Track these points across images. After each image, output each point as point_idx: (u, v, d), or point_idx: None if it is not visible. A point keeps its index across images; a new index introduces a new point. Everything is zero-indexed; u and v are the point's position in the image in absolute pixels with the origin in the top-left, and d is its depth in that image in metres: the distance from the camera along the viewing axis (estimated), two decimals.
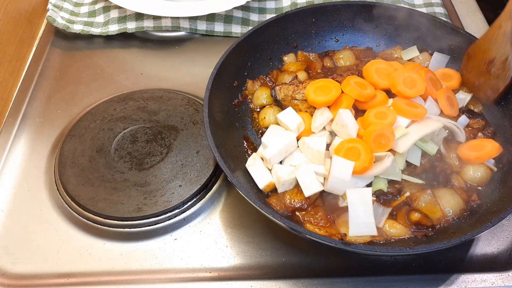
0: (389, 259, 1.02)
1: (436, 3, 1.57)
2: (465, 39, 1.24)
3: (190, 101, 1.29)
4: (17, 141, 1.26)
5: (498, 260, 1.03)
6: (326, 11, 1.34)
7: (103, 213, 1.08)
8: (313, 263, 1.03)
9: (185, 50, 1.50)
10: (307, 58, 1.33)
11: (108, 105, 1.29)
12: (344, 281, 1.00)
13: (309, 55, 1.33)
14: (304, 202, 1.03)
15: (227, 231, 1.08)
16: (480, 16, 1.59)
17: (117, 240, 1.07)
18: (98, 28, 1.53)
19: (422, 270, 1.01)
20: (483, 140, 1.10)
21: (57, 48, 1.50)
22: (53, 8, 1.55)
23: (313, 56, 1.33)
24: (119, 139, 1.22)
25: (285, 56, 1.33)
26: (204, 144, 1.19)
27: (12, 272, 1.03)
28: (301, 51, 1.34)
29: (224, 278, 1.01)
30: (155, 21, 1.52)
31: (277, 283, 1.00)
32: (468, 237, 0.90)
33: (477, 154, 1.07)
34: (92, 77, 1.41)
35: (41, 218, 1.10)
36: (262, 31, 1.28)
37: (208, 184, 1.14)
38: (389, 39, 1.35)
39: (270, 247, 1.05)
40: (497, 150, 1.06)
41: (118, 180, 1.13)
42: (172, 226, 1.08)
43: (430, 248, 0.91)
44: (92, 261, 1.04)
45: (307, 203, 1.03)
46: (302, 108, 1.17)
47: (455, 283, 0.99)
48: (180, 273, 1.02)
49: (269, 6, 1.60)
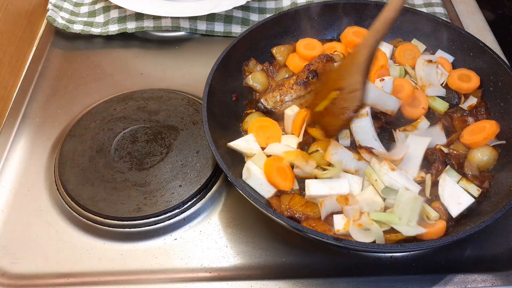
0: (389, 259, 1.02)
1: (436, 3, 1.57)
2: (465, 39, 1.24)
3: (190, 101, 1.29)
4: (17, 141, 1.26)
5: (498, 260, 1.03)
6: (326, 9, 1.34)
7: (103, 213, 1.08)
8: (313, 263, 1.03)
9: (185, 50, 1.50)
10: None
11: (108, 105, 1.29)
12: (344, 281, 0.99)
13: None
14: (302, 215, 1.01)
15: (227, 231, 1.08)
16: (480, 16, 1.59)
17: (117, 240, 1.07)
18: (98, 28, 1.53)
19: (422, 270, 1.01)
20: (479, 122, 1.14)
21: (57, 48, 1.50)
22: (53, 8, 1.55)
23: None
24: (119, 139, 1.22)
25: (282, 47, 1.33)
26: (204, 144, 1.19)
27: (12, 272, 1.03)
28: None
29: (224, 278, 1.01)
30: (155, 21, 1.52)
31: (277, 283, 1.00)
32: (460, 235, 0.90)
33: (480, 137, 1.10)
34: (92, 77, 1.41)
35: (41, 218, 1.10)
36: (263, 28, 1.28)
37: (208, 184, 1.14)
38: (390, 39, 1.35)
39: (270, 247, 1.05)
40: (496, 127, 1.10)
41: (118, 180, 1.13)
42: (172, 226, 1.08)
43: (421, 247, 0.90)
44: (92, 261, 1.04)
45: (305, 217, 1.02)
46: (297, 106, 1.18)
47: (455, 283, 0.99)
48: (180, 273, 1.02)
49: (269, 6, 1.60)
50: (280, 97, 1.18)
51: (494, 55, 1.19)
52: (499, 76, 1.17)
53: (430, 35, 1.31)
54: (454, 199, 1.01)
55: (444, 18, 1.50)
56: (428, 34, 1.31)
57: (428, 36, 1.31)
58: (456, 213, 1.01)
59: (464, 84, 1.22)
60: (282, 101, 1.17)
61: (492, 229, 1.04)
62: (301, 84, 1.18)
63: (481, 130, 1.12)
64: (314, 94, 1.15)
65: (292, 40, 1.34)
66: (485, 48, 1.21)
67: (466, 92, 1.22)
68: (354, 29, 1.34)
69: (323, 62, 1.19)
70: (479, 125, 1.14)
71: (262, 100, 1.19)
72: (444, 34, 1.29)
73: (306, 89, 1.18)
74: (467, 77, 1.23)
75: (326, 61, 1.20)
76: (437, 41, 1.30)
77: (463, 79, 1.23)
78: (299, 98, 1.17)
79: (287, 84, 1.19)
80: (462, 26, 1.53)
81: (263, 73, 1.28)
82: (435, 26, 1.29)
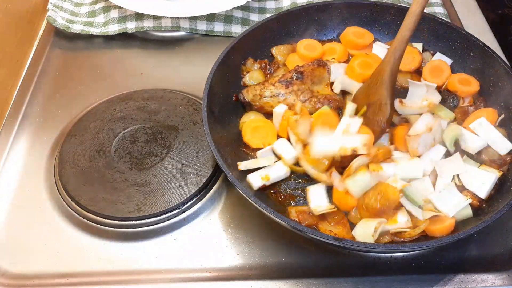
0: (389, 259, 1.02)
1: (436, 3, 1.57)
2: (465, 39, 1.24)
3: (190, 101, 1.29)
4: (17, 141, 1.26)
5: (498, 260, 1.03)
6: (327, 9, 1.34)
7: (103, 213, 1.08)
8: (313, 263, 1.03)
9: (185, 50, 1.49)
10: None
11: (108, 105, 1.29)
12: (344, 281, 0.99)
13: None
14: (311, 223, 1.02)
15: (227, 231, 1.08)
16: (480, 16, 1.59)
17: (117, 240, 1.07)
18: (98, 28, 1.53)
19: (422, 270, 1.01)
20: (478, 111, 1.17)
21: (57, 48, 1.50)
22: (53, 8, 1.55)
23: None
24: (119, 139, 1.22)
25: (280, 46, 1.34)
26: (204, 144, 1.19)
27: (12, 272, 1.02)
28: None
29: (224, 278, 1.01)
30: (155, 21, 1.52)
31: (277, 283, 1.00)
32: (460, 235, 0.90)
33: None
34: (92, 77, 1.41)
35: (41, 218, 1.10)
36: (263, 28, 1.28)
37: (208, 184, 1.14)
38: (388, 39, 1.35)
39: (270, 247, 1.05)
40: (493, 113, 1.15)
41: (118, 180, 1.13)
42: (172, 226, 1.08)
43: (421, 247, 0.90)
44: (92, 261, 1.04)
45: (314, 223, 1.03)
46: (273, 104, 1.18)
47: (455, 283, 0.99)
48: (180, 273, 1.02)
49: (269, 6, 1.60)
50: (260, 91, 1.18)
51: (494, 55, 1.19)
52: (499, 76, 1.17)
53: (430, 35, 1.31)
54: (477, 182, 1.04)
55: (444, 18, 1.50)
56: (428, 34, 1.31)
57: (427, 37, 1.31)
58: (484, 193, 1.03)
59: (464, 88, 1.22)
60: (262, 95, 1.18)
61: (492, 229, 1.04)
62: (284, 82, 1.18)
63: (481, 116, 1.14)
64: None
65: (292, 40, 1.34)
66: (485, 48, 1.21)
67: (466, 96, 1.22)
68: (354, 29, 1.34)
69: (314, 66, 1.20)
70: (478, 113, 1.16)
71: (243, 91, 1.20)
72: (444, 34, 1.29)
73: (287, 88, 1.18)
74: (467, 81, 1.23)
75: (317, 66, 1.21)
76: (437, 41, 1.30)
77: (463, 83, 1.23)
78: (277, 96, 1.18)
79: (270, 80, 1.20)
80: (462, 26, 1.53)
81: (260, 71, 1.28)
82: (435, 26, 1.29)
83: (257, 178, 1.07)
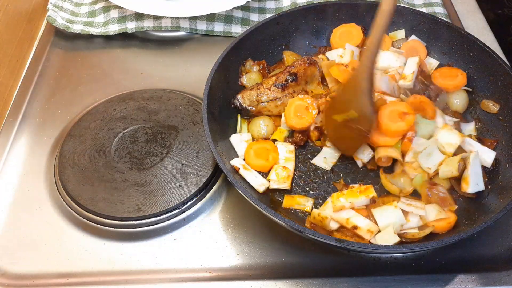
0: (389, 259, 1.02)
1: (436, 3, 1.57)
2: (465, 39, 1.24)
3: (190, 101, 1.29)
4: (17, 141, 1.26)
5: (498, 260, 1.03)
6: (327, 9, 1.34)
7: (103, 213, 1.08)
8: (313, 263, 1.03)
9: (185, 50, 1.49)
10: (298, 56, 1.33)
11: (108, 105, 1.29)
12: (344, 281, 1.00)
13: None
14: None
15: (227, 231, 1.08)
16: (480, 16, 1.59)
17: (117, 240, 1.07)
18: (98, 28, 1.53)
19: (422, 270, 1.01)
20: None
21: (57, 48, 1.50)
22: (53, 8, 1.55)
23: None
24: (119, 139, 1.22)
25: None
26: (204, 144, 1.19)
27: (12, 272, 1.03)
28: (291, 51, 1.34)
29: (224, 278, 1.01)
30: (155, 21, 1.52)
31: (277, 283, 1.00)
32: (461, 236, 0.90)
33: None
34: (92, 77, 1.41)
35: (41, 218, 1.10)
36: (262, 29, 1.28)
37: (208, 184, 1.14)
38: None
39: (270, 247, 1.05)
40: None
41: (118, 180, 1.13)
42: (172, 226, 1.08)
43: (422, 247, 0.90)
44: (92, 261, 1.04)
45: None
46: (271, 108, 1.18)
47: (455, 283, 0.99)
48: (180, 273, 1.02)
49: (269, 6, 1.60)
50: (257, 96, 1.18)
51: (494, 55, 1.19)
52: (499, 76, 1.17)
53: (430, 36, 1.31)
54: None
55: (444, 18, 1.50)
56: (428, 34, 1.31)
57: (427, 36, 1.31)
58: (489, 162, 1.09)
59: (450, 82, 1.21)
60: (259, 101, 1.18)
61: (492, 229, 1.04)
62: (279, 86, 1.18)
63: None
64: (324, 118, 1.15)
65: (292, 40, 1.34)
66: (485, 48, 1.21)
67: (454, 90, 1.21)
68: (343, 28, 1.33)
69: (305, 65, 1.20)
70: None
71: (238, 97, 1.19)
72: (444, 34, 1.29)
73: (283, 91, 1.19)
74: (452, 73, 1.23)
75: (308, 65, 1.21)
76: (437, 41, 1.30)
77: (447, 75, 1.23)
78: (275, 100, 1.18)
79: (266, 84, 1.19)
80: (462, 26, 1.53)
81: (259, 74, 1.27)
82: (435, 26, 1.29)
83: (259, 182, 1.07)
